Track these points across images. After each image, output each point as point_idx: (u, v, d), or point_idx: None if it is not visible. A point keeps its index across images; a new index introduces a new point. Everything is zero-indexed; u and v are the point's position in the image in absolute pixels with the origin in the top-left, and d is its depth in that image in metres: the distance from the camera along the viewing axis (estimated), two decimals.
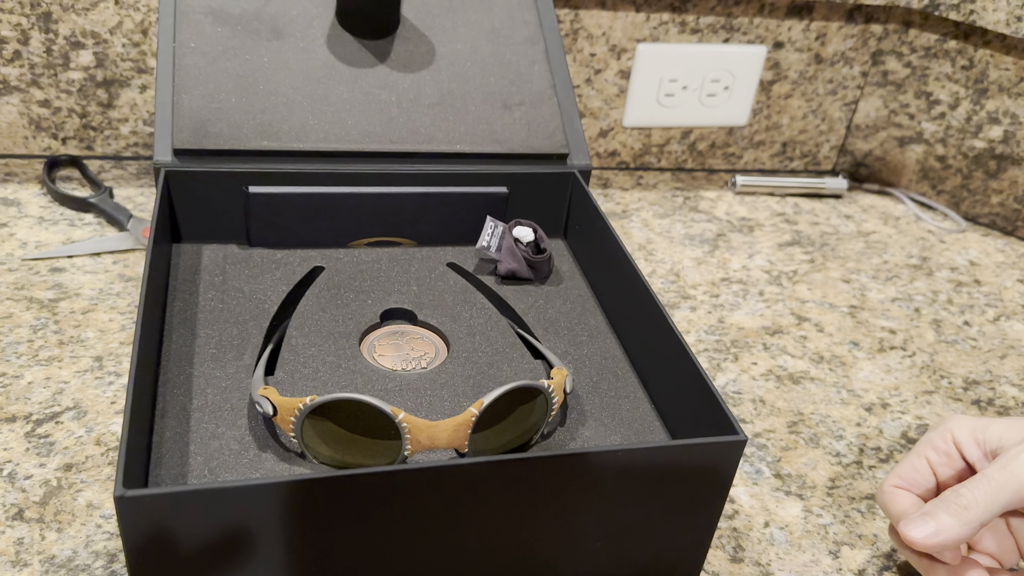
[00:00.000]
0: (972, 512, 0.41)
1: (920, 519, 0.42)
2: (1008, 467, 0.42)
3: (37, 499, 0.49)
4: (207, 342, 0.51)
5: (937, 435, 0.46)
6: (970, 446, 0.45)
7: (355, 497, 0.37)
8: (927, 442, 0.46)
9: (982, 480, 0.42)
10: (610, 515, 0.42)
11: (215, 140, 0.58)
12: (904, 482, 0.46)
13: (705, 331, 0.70)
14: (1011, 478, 0.41)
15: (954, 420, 0.46)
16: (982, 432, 0.45)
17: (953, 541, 0.41)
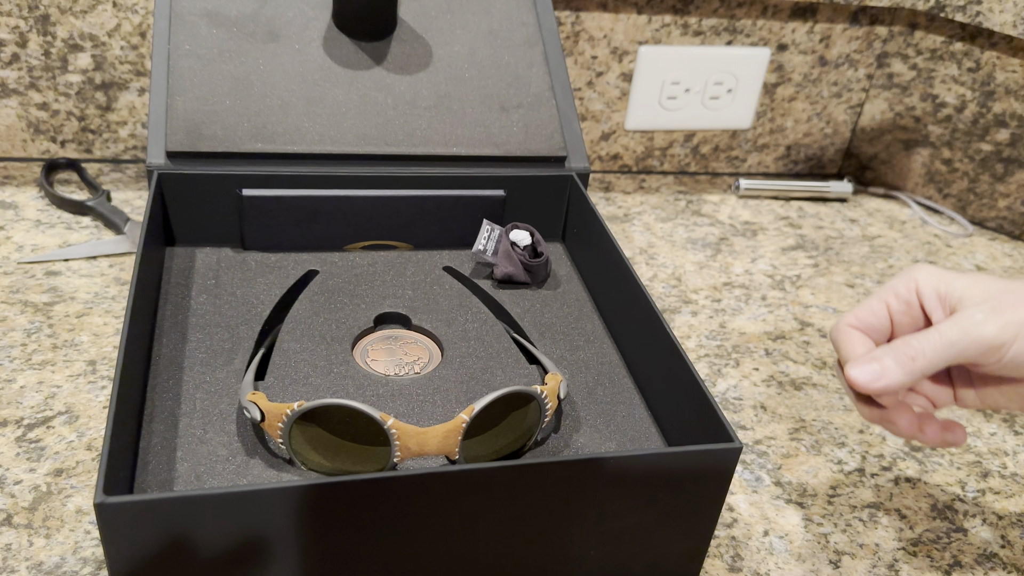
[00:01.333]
0: (918, 363, 0.42)
1: (866, 362, 0.43)
2: (960, 325, 0.41)
3: (26, 505, 0.48)
4: (198, 346, 0.51)
5: (901, 282, 0.45)
6: (931, 298, 0.44)
7: (343, 504, 0.37)
8: (890, 288, 0.46)
9: (933, 334, 0.42)
10: (604, 523, 0.41)
11: (209, 142, 0.58)
12: (860, 323, 0.45)
13: (706, 336, 0.69)
14: (961, 336, 0.41)
15: (920, 269, 0.45)
16: (946, 286, 0.44)
17: (894, 387, 0.42)
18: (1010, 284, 0.43)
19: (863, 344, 0.45)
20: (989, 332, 0.41)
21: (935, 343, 0.42)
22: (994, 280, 0.43)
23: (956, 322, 0.42)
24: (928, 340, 0.42)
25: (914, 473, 0.58)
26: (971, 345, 0.41)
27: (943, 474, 0.58)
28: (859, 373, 0.43)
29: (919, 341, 0.42)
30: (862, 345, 0.45)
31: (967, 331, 0.41)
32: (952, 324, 0.42)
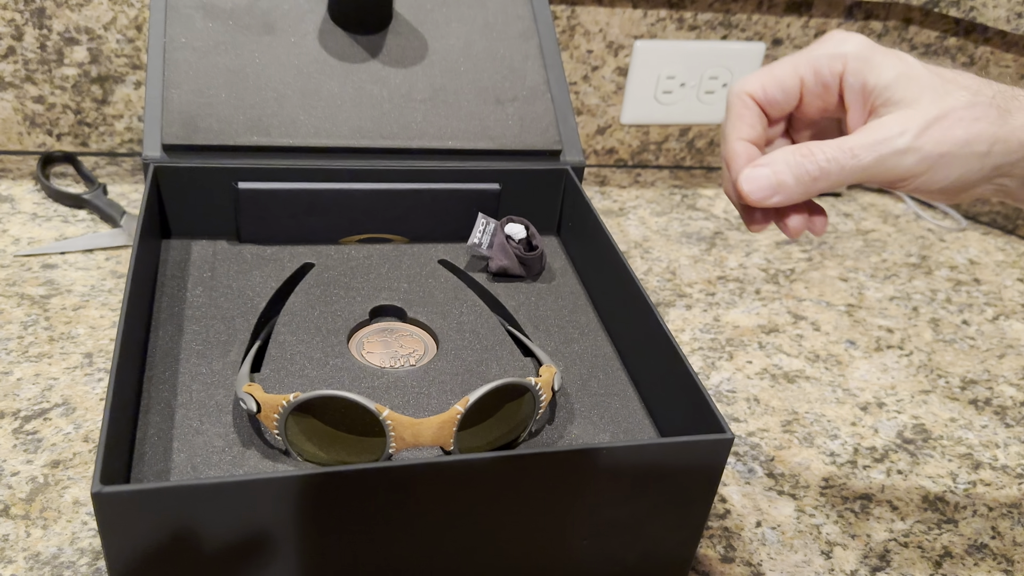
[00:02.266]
0: (819, 184, 0.37)
1: (762, 175, 0.37)
2: (877, 150, 0.36)
3: (23, 496, 0.48)
4: (194, 338, 0.51)
5: (825, 60, 0.38)
6: (855, 89, 0.38)
7: (339, 494, 0.37)
8: (810, 62, 0.38)
9: (845, 153, 0.36)
10: (597, 513, 0.42)
11: (204, 135, 0.58)
12: (763, 95, 0.39)
13: (700, 329, 0.70)
14: (875, 163, 0.36)
15: (851, 45, 0.38)
16: (875, 77, 0.37)
17: (788, 203, 0.38)
18: (948, 87, 0.36)
19: (757, 122, 0.39)
20: (906, 164, 0.36)
21: (844, 165, 0.36)
22: (931, 76, 0.37)
23: (873, 144, 0.36)
24: (837, 160, 0.36)
25: (906, 465, 0.58)
26: (883, 173, 0.36)
27: (935, 466, 0.58)
28: (752, 186, 0.37)
29: (826, 158, 0.36)
30: (754, 123, 0.39)
31: (883, 159, 0.36)
32: (868, 146, 0.36)
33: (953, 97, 0.36)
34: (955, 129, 0.36)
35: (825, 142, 0.37)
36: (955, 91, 0.36)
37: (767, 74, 0.39)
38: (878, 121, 0.37)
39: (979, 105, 0.36)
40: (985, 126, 0.36)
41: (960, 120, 0.36)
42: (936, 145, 0.35)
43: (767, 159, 0.37)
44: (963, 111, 0.36)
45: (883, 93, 0.37)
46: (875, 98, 0.37)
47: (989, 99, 0.36)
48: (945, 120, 0.36)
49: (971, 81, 0.37)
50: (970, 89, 0.36)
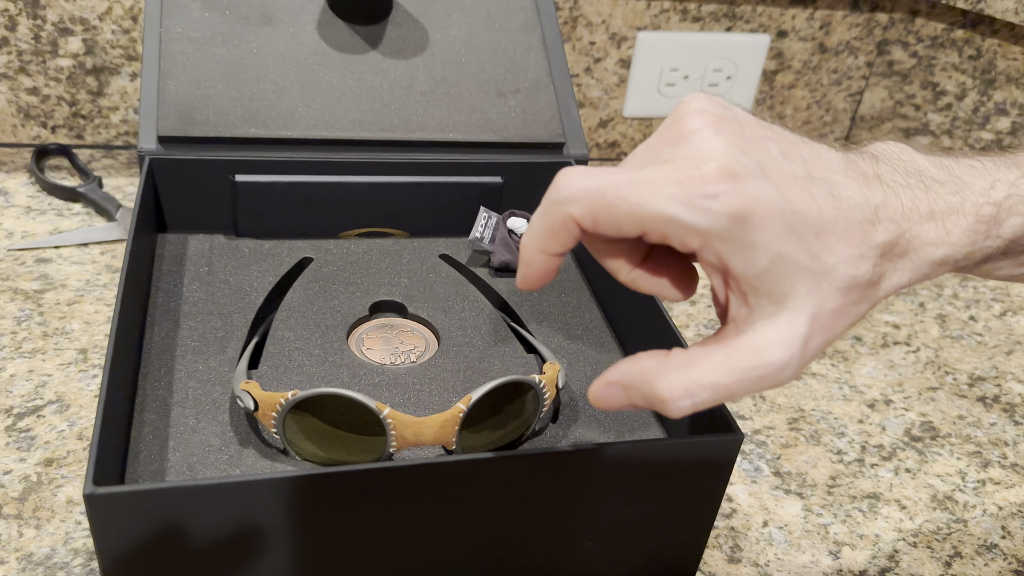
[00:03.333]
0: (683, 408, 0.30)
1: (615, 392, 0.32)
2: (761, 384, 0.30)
3: (16, 495, 0.47)
4: (190, 334, 0.50)
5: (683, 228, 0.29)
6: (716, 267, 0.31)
7: (338, 495, 0.36)
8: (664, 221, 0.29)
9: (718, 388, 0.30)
10: (602, 514, 0.41)
11: (201, 127, 0.57)
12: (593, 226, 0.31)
13: (705, 325, 0.69)
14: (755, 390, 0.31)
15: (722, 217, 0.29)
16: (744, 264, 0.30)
17: None
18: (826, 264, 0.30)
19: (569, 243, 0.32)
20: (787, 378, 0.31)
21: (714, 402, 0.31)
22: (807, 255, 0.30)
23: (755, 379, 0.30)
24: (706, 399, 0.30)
25: (914, 463, 0.57)
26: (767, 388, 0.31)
27: (943, 464, 0.58)
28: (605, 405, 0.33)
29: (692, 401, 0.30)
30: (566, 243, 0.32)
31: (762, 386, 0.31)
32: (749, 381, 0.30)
33: (830, 281, 0.30)
34: (834, 326, 0.31)
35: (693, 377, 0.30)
36: (833, 269, 0.30)
37: (605, 208, 0.30)
38: (757, 338, 0.30)
39: (855, 288, 0.31)
40: (861, 308, 0.32)
41: (838, 314, 0.31)
42: (816, 352, 0.31)
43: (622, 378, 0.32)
44: (840, 298, 0.31)
45: (752, 282, 0.30)
46: (742, 284, 0.30)
47: (868, 274, 0.31)
48: (823, 319, 0.31)
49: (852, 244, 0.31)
50: (850, 262, 0.31)
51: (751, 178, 0.29)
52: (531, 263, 0.33)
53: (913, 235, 0.32)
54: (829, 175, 0.32)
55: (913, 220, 0.32)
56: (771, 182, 0.30)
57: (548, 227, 0.32)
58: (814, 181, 0.31)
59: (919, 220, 0.32)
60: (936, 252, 0.32)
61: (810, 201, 0.30)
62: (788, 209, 0.30)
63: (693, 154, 0.30)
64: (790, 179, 0.30)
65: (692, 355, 0.31)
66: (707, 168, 0.29)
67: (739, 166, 0.29)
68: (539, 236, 0.32)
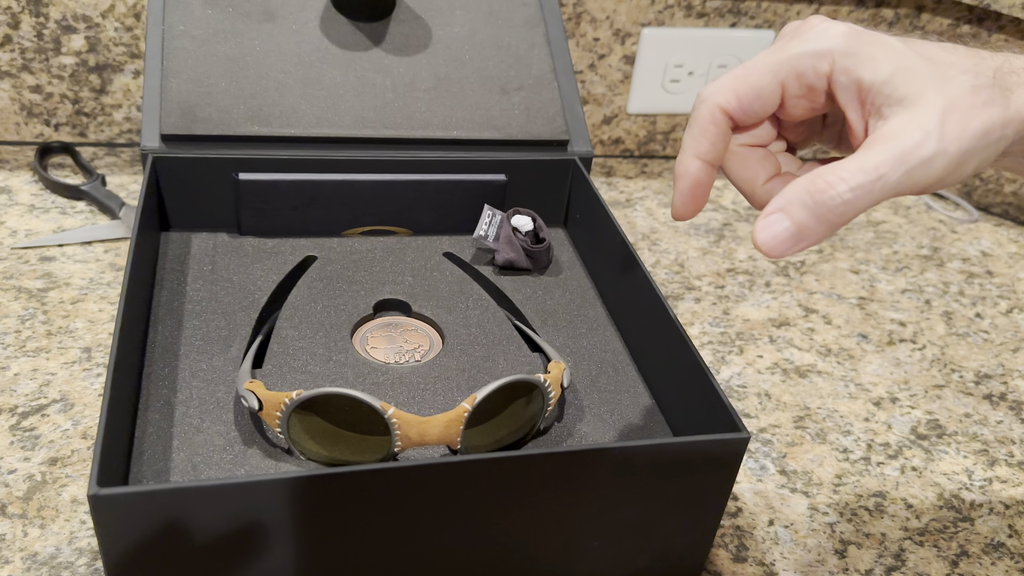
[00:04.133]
0: (847, 217, 0.32)
1: (778, 222, 0.32)
2: (905, 162, 0.31)
3: (20, 494, 0.47)
4: (194, 334, 0.50)
5: (809, 62, 0.33)
6: (849, 91, 0.33)
7: (343, 496, 0.36)
8: (791, 64, 0.33)
9: (870, 176, 0.31)
10: (608, 514, 0.41)
11: (204, 125, 0.57)
12: (740, 107, 0.34)
13: (710, 323, 0.68)
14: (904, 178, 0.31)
15: (838, 37, 0.33)
16: (872, 72, 0.32)
17: (810, 245, 0.33)
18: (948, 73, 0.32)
19: (720, 141, 0.35)
20: (935, 171, 0.31)
21: (872, 190, 0.31)
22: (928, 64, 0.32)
23: (899, 158, 0.31)
24: (863, 186, 0.31)
25: (920, 462, 0.57)
26: (911, 186, 0.32)
27: (949, 462, 0.57)
28: (771, 241, 0.32)
29: (849, 187, 0.31)
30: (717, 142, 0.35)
31: (912, 172, 0.31)
32: (894, 161, 0.31)
33: (956, 85, 0.32)
34: (970, 121, 0.32)
35: (842, 167, 0.32)
36: (956, 77, 0.32)
37: (742, 81, 0.34)
38: (892, 127, 0.32)
39: (984, 88, 0.33)
40: (995, 111, 0.32)
41: (972, 109, 0.32)
42: (958, 143, 0.32)
43: (780, 202, 0.32)
44: (971, 98, 0.32)
45: (882, 90, 0.32)
46: (874, 96, 0.32)
47: (991, 80, 0.33)
48: (957, 112, 0.32)
49: (968, 60, 0.33)
50: (970, 72, 0.33)
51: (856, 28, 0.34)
52: (685, 174, 0.35)
53: (1018, 66, 0.34)
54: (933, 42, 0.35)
55: (1018, 59, 0.35)
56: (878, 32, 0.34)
57: (699, 127, 0.35)
58: (918, 41, 0.35)
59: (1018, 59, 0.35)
60: None
61: (919, 43, 0.34)
62: (898, 40, 0.34)
63: (804, 24, 0.35)
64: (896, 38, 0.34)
65: (838, 161, 0.33)
66: (811, 22, 0.34)
67: (840, 22, 0.34)
68: (691, 139, 0.35)
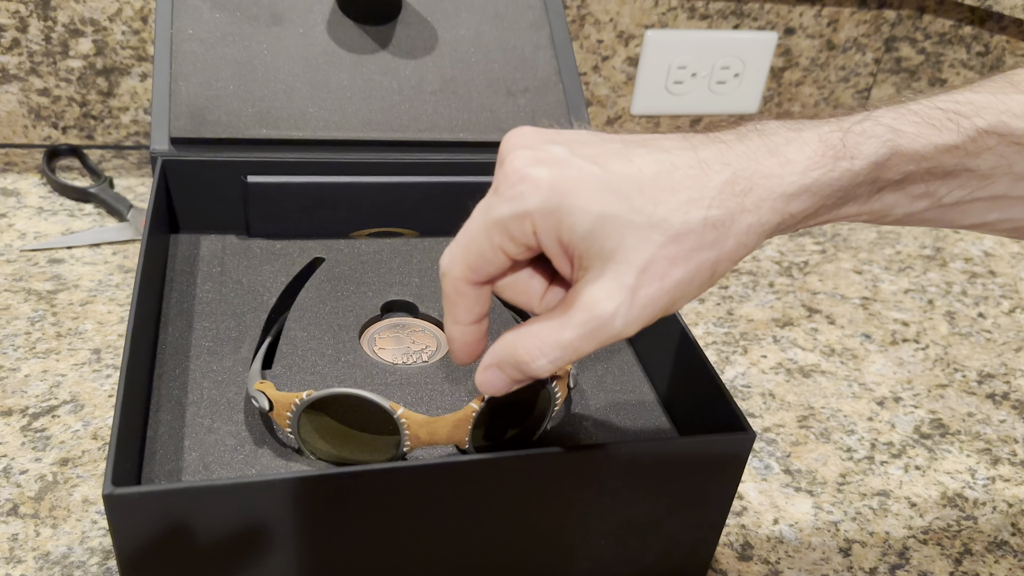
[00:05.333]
0: (554, 369, 0.33)
1: (493, 377, 0.35)
2: (596, 337, 0.32)
3: (32, 494, 0.48)
4: (204, 335, 0.50)
5: (515, 223, 0.32)
6: (554, 248, 0.33)
7: (353, 495, 0.36)
8: (503, 228, 0.33)
9: (567, 351, 0.32)
10: (615, 512, 0.41)
11: (213, 128, 0.57)
12: (473, 274, 0.35)
13: (714, 323, 0.69)
14: (597, 346, 0.32)
15: (535, 193, 0.31)
16: (569, 230, 0.31)
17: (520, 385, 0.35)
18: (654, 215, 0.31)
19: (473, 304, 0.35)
20: (629, 333, 0.32)
21: (567, 358, 0.33)
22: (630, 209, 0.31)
23: (590, 334, 0.32)
24: (561, 358, 0.33)
25: (924, 461, 0.57)
26: (604, 345, 0.33)
27: (953, 461, 0.58)
28: (491, 389, 0.35)
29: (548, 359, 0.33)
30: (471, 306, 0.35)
31: (604, 341, 0.32)
32: (586, 337, 0.32)
33: (659, 232, 0.31)
34: (668, 276, 0.31)
35: (542, 337, 0.33)
36: (662, 221, 0.31)
37: (466, 251, 0.34)
38: (586, 294, 0.32)
39: (690, 235, 0.31)
40: (702, 256, 0.31)
41: (672, 262, 0.31)
42: (653, 305, 0.32)
43: (495, 359, 0.34)
44: (672, 248, 0.31)
45: (580, 245, 0.32)
46: (574, 249, 0.32)
47: (702, 220, 0.31)
48: (654, 268, 0.31)
49: (682, 191, 0.31)
50: (679, 210, 0.31)
51: (557, 160, 0.32)
52: (452, 339, 0.37)
53: (752, 171, 0.32)
54: (652, 143, 0.33)
55: (750, 158, 0.32)
56: (581, 158, 0.32)
57: (448, 300, 0.35)
58: (632, 148, 0.32)
59: (756, 158, 0.32)
60: (782, 183, 0.32)
61: (628, 164, 0.32)
62: (601, 173, 0.31)
63: (506, 169, 0.33)
64: (605, 153, 0.32)
65: (541, 320, 0.33)
66: (513, 168, 0.32)
67: (543, 154, 0.32)
68: (447, 310, 0.36)
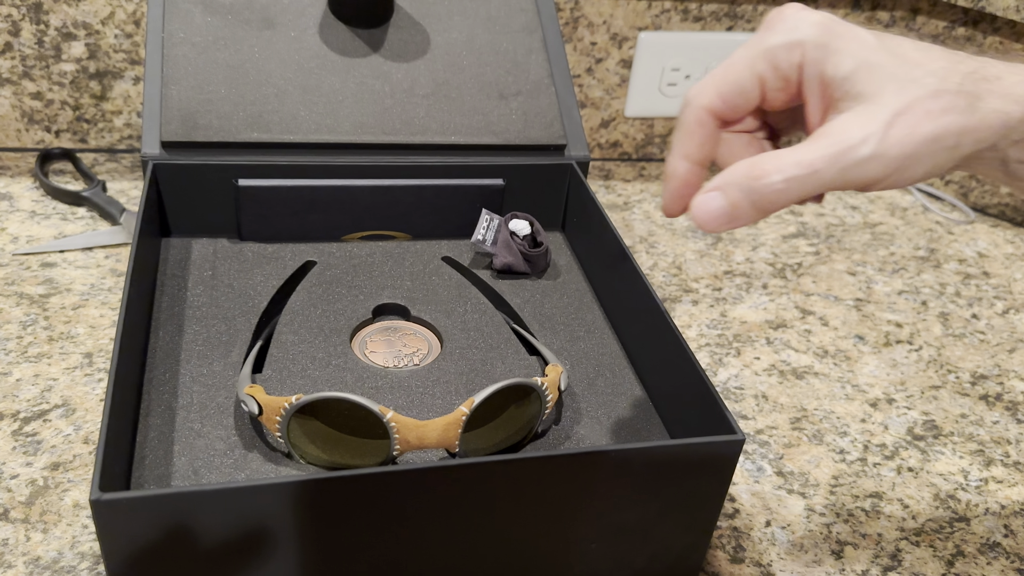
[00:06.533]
0: (778, 204, 0.34)
1: (713, 200, 0.34)
2: (839, 161, 0.33)
3: (23, 499, 0.48)
4: (195, 338, 0.50)
5: (783, 51, 0.35)
6: (813, 80, 0.35)
7: (343, 499, 0.36)
8: (767, 55, 0.35)
9: (804, 170, 0.33)
10: (605, 516, 0.41)
11: (204, 132, 0.57)
12: (724, 104, 0.36)
13: (707, 325, 0.69)
14: (837, 175, 0.33)
15: (810, 28, 0.34)
16: (833, 67, 0.34)
17: (744, 225, 0.35)
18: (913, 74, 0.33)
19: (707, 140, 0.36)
20: (871, 171, 0.33)
21: (805, 183, 0.33)
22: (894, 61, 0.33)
23: (834, 157, 0.33)
24: (796, 178, 0.33)
25: (916, 463, 0.57)
26: (846, 183, 0.33)
27: (945, 463, 0.58)
28: (705, 215, 0.34)
29: (783, 177, 0.33)
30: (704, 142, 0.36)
31: (846, 171, 0.33)
32: (829, 159, 0.33)
33: (918, 86, 0.33)
34: (920, 126, 0.33)
35: (780, 156, 0.33)
36: (921, 78, 0.33)
37: (723, 80, 0.36)
38: (837, 123, 0.33)
39: (945, 94, 0.33)
40: (953, 118, 0.33)
41: (926, 114, 0.33)
42: (900, 147, 0.33)
43: (719, 181, 0.34)
44: (928, 102, 0.33)
45: (841, 85, 0.34)
46: (833, 90, 0.34)
47: (957, 86, 0.33)
48: (909, 115, 0.33)
49: (940, 62, 0.34)
50: (937, 74, 0.33)
51: (831, 16, 0.35)
52: (674, 174, 0.37)
53: (1000, 69, 0.34)
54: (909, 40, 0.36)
55: (995, 63, 0.35)
56: (851, 22, 0.35)
57: (686, 129, 0.36)
58: (894, 37, 0.35)
59: (1001, 65, 0.35)
60: None
61: (892, 38, 0.35)
62: (870, 34, 0.34)
63: (782, 12, 0.36)
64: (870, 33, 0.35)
65: (782, 150, 0.34)
66: (791, 10, 0.35)
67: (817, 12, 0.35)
68: (679, 141, 0.37)
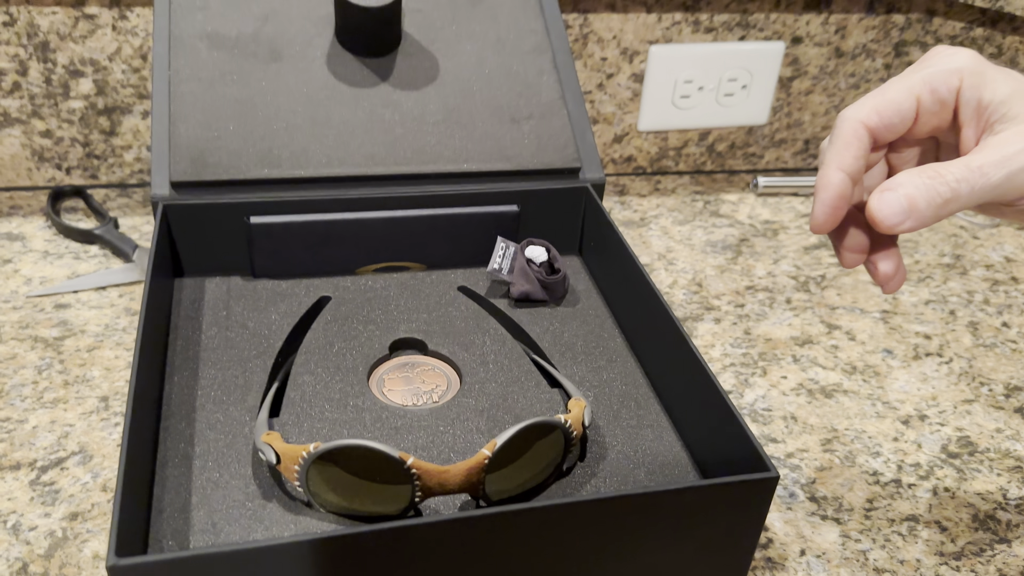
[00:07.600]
0: (950, 206, 0.35)
1: (892, 198, 0.35)
2: (1007, 166, 0.35)
3: (42, 552, 0.47)
4: (210, 383, 0.49)
5: (941, 77, 0.37)
6: (970, 106, 0.37)
7: (364, 554, 0.35)
8: (926, 81, 0.37)
9: (974, 173, 0.35)
10: (636, 559, 0.40)
11: (214, 171, 0.56)
12: (880, 122, 0.38)
13: (731, 344, 0.67)
14: (1004, 180, 0.34)
15: (966, 59, 0.37)
16: (992, 91, 0.36)
17: (918, 227, 0.36)
18: None
19: (862, 154, 0.38)
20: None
21: (974, 185, 0.35)
22: None
23: (1001, 161, 0.35)
24: (967, 180, 0.35)
25: (952, 482, 0.56)
26: (1011, 190, 0.35)
27: (983, 481, 0.56)
28: (884, 212, 0.35)
29: (955, 178, 0.35)
30: (859, 155, 0.38)
31: (1013, 176, 0.34)
32: (997, 164, 0.35)
33: None
34: None
35: (951, 162, 0.35)
36: None
37: (881, 98, 0.38)
38: (999, 137, 0.36)
39: None
40: None
41: None
42: None
43: (895, 182, 0.36)
44: None
45: (999, 109, 0.36)
46: (990, 114, 0.36)
47: None
48: None
49: None
50: None
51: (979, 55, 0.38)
52: (828, 185, 0.38)
53: None
54: None
55: None
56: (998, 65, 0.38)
57: (842, 141, 0.37)
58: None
59: None
60: None
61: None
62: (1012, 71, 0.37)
63: (935, 49, 0.39)
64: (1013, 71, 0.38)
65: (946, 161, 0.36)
66: (941, 48, 0.38)
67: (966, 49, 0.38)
68: (834, 153, 0.38)
